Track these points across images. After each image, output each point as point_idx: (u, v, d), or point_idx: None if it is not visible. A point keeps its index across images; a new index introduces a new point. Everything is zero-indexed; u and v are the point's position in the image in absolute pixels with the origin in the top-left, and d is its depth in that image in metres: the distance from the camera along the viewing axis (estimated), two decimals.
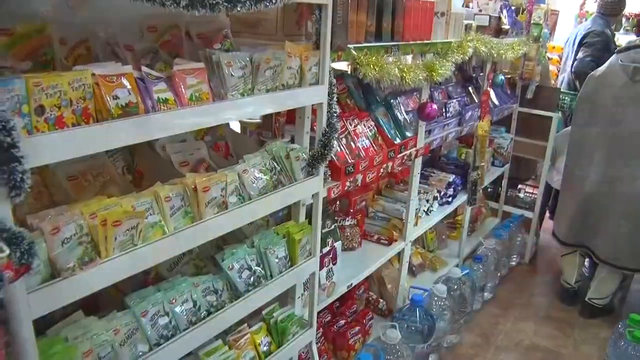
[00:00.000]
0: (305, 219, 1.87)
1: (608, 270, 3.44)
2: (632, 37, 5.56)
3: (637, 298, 3.65)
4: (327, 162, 1.82)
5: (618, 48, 3.40)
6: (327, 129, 1.70)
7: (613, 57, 3.27)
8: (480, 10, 3.20)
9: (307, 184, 1.71)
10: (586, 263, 3.87)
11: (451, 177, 3.18)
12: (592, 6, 7.31)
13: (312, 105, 1.74)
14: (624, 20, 6.85)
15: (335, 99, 1.72)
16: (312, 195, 1.79)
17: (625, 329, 2.79)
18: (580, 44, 4.55)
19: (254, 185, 1.57)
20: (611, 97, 3.20)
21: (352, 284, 2.32)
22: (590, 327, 3.47)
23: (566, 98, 3.87)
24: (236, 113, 1.43)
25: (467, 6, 3.37)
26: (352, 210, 2.63)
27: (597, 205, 3.34)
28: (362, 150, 2.15)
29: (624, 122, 3.15)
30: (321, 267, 2.07)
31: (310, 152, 1.73)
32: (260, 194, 1.57)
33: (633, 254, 3.27)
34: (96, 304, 1.49)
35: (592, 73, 3.39)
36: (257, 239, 1.71)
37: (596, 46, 4.39)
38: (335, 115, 1.73)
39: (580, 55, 4.49)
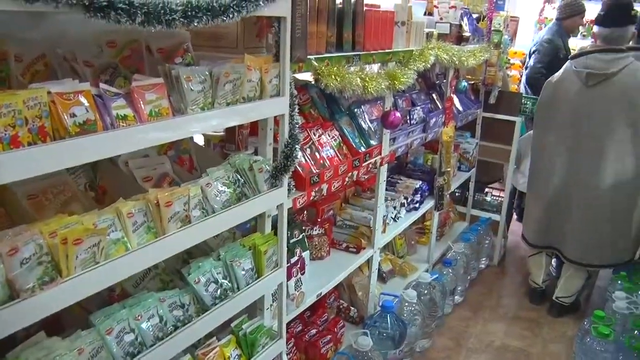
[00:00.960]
0: (272, 230, 1.88)
1: (574, 268, 3.54)
2: (588, 42, 5.69)
3: (601, 295, 3.73)
4: (291, 172, 1.83)
5: (571, 54, 3.49)
6: (290, 140, 1.72)
7: (567, 64, 3.37)
8: (442, 19, 3.26)
9: (271, 196, 1.72)
10: (553, 262, 3.96)
11: (418, 183, 3.22)
12: (551, 12, 7.51)
13: (275, 116, 1.75)
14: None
15: (296, 110, 1.74)
16: (277, 207, 1.81)
17: (590, 326, 2.87)
18: (532, 52, 4.81)
19: (217, 198, 1.58)
20: (567, 102, 3.30)
21: (321, 293, 2.33)
22: (558, 325, 3.55)
23: (528, 102, 3.96)
24: (196, 127, 1.44)
25: (430, 14, 3.43)
26: (319, 220, 2.64)
27: (561, 206, 3.44)
28: (327, 160, 2.17)
29: (581, 125, 3.25)
30: (289, 278, 2.07)
31: (273, 164, 1.74)
32: (223, 207, 1.58)
33: (598, 251, 3.38)
34: (60, 324, 1.48)
35: (549, 79, 3.50)
36: (223, 252, 1.71)
37: (544, 52, 4.61)
38: (297, 126, 1.74)
39: (530, 62, 4.76)
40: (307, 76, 2.29)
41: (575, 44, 5.66)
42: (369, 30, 2.22)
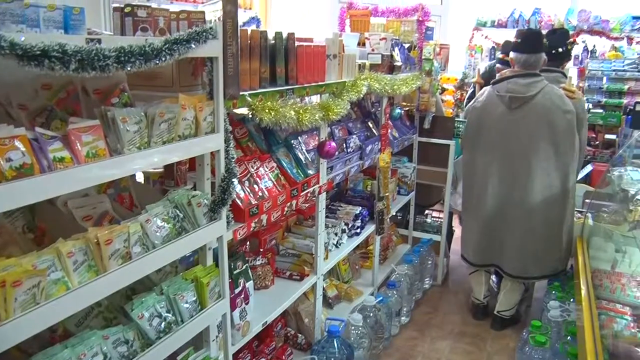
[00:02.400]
0: (213, 262, 1.93)
1: (512, 283, 3.72)
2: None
3: (538, 306, 3.91)
4: (230, 205, 1.90)
5: (493, 80, 3.75)
6: (226, 175, 1.79)
7: (490, 89, 3.63)
8: (373, 50, 3.40)
9: (210, 229, 1.78)
10: (494, 278, 4.13)
11: (358, 209, 3.32)
12: (480, 40, 7.91)
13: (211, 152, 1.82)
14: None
15: (232, 145, 1.82)
16: (217, 239, 1.86)
17: (528, 335, 3.03)
18: None
19: (158, 234, 1.62)
20: (493, 125, 3.54)
21: (267, 321, 2.38)
22: (500, 338, 3.69)
23: (460, 126, 4.14)
24: (132, 167, 1.49)
25: (363, 45, 3.59)
26: (262, 250, 2.70)
27: (497, 225, 3.62)
28: (266, 191, 2.24)
29: (507, 146, 3.48)
30: (234, 308, 2.12)
31: (211, 198, 1.80)
32: (164, 242, 1.63)
33: (536, 264, 3.59)
34: None
35: (473, 104, 3.74)
36: (165, 286, 1.75)
37: (484, 77, 4.94)
38: (233, 160, 1.82)
39: None
40: (245, 110, 2.38)
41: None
42: (302, 65, 2.32)
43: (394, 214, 4.38)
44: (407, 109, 4.21)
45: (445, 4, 8.45)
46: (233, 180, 1.82)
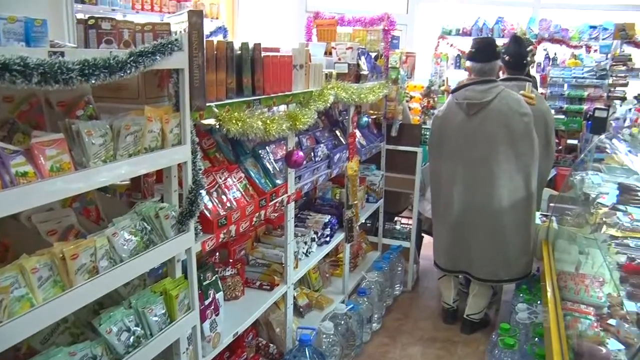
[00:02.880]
0: (182, 274, 1.92)
1: (479, 286, 3.79)
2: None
3: (507, 309, 3.97)
4: (198, 216, 1.89)
5: (452, 89, 3.86)
6: (194, 186, 1.79)
7: (450, 98, 3.75)
8: (340, 59, 3.43)
9: (179, 241, 1.77)
10: (463, 282, 4.20)
11: (327, 218, 3.33)
12: (446, 48, 8.04)
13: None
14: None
15: (199, 157, 1.82)
16: (185, 251, 1.85)
17: (497, 338, 3.08)
18: None
19: (125, 247, 1.61)
20: (454, 132, 3.62)
21: (237, 332, 2.37)
22: (471, 342, 3.74)
23: (427, 133, 4.21)
24: (97, 180, 1.48)
25: (330, 54, 3.61)
26: (232, 260, 2.69)
27: (465, 231, 3.68)
28: (234, 202, 2.24)
29: (469, 151, 3.56)
30: (204, 320, 2.11)
31: (179, 210, 1.80)
32: (131, 255, 1.61)
33: (505, 267, 3.65)
34: None
35: (436, 114, 3.85)
36: (134, 299, 1.74)
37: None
38: (200, 172, 1.82)
39: None
40: (212, 121, 2.37)
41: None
42: (268, 75, 2.33)
43: (363, 221, 4.41)
44: (374, 117, 4.25)
45: (410, 13, 8.58)
46: (200, 191, 1.82)
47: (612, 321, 2.55)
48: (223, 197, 2.21)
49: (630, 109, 3.81)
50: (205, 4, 6.94)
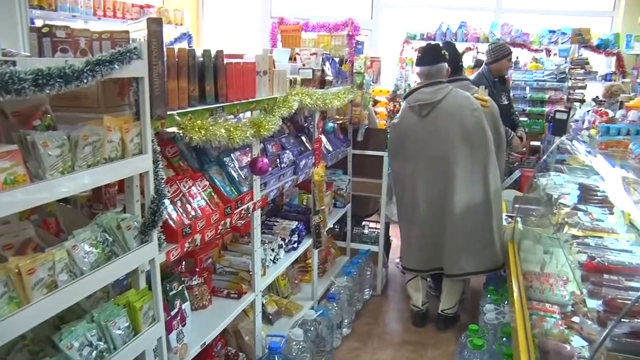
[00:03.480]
0: (146, 284, 1.89)
1: (452, 281, 3.89)
2: None
3: (476, 310, 4.00)
4: (161, 226, 1.87)
5: (405, 94, 4.00)
6: (156, 196, 1.76)
7: (404, 103, 3.87)
8: (304, 65, 3.43)
9: (141, 252, 1.74)
10: (432, 284, 4.24)
11: (294, 224, 3.33)
12: (410, 52, 8.12)
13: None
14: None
15: (161, 166, 1.79)
16: (149, 262, 1.82)
17: (466, 340, 3.11)
18: None
19: (86, 260, 1.58)
20: (411, 135, 3.75)
21: (205, 342, 2.34)
22: (441, 344, 3.78)
23: None
24: (56, 192, 1.44)
25: (295, 60, 3.61)
26: (198, 269, 2.66)
27: (433, 228, 3.77)
28: (199, 210, 2.21)
29: (427, 151, 3.68)
30: (170, 331, 2.08)
31: (142, 220, 1.76)
32: (92, 268, 1.58)
33: (470, 259, 3.74)
34: None
35: (392, 121, 3.96)
36: (96, 313, 1.70)
37: None
38: (162, 181, 1.79)
39: None
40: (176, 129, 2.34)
41: None
42: (231, 82, 2.31)
43: (332, 226, 4.41)
44: (340, 122, 4.25)
45: (375, 18, 8.65)
46: (163, 201, 1.79)
47: (576, 319, 2.60)
48: (187, 205, 2.18)
49: (588, 111, 3.90)
50: (169, 10, 6.87)
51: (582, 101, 7.45)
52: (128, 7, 6.05)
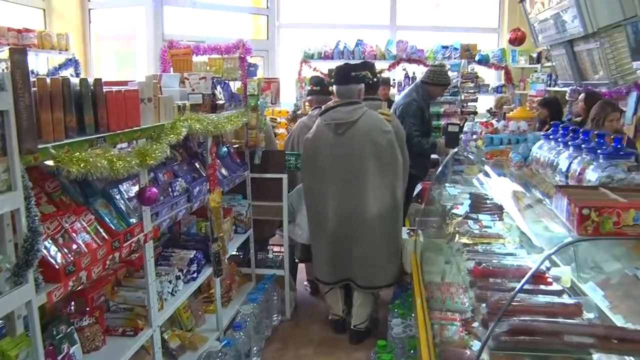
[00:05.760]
0: (25, 330, 1.82)
1: (363, 296, 4.07)
2: None
3: (384, 325, 4.12)
4: (40, 265, 1.81)
5: (319, 112, 4.10)
6: (29, 234, 1.71)
7: (319, 120, 4.00)
8: (194, 90, 3.44)
9: (15, 295, 1.68)
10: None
11: (192, 253, 3.29)
12: (309, 72, 8.31)
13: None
14: None
15: (33, 202, 1.74)
16: (25, 305, 1.76)
17: (375, 355, 3.21)
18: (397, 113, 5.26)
19: None
20: (326, 151, 3.91)
21: None
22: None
23: (291, 158, 4.32)
24: None
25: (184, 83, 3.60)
26: (89, 309, 2.58)
27: (343, 242, 3.96)
28: (84, 246, 2.16)
29: (340, 167, 3.88)
30: None
31: (15, 261, 1.71)
32: None
33: (380, 273, 3.99)
34: None
35: (307, 136, 4.06)
36: None
37: (414, 114, 5.28)
38: (37, 218, 1.74)
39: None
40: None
41: None
42: (112, 111, 2.27)
43: (235, 252, 4.41)
44: (236, 146, 4.28)
45: (271, 39, 8.78)
46: (38, 239, 1.74)
47: (475, 324, 2.75)
48: (70, 242, 2.12)
49: (476, 123, 4.17)
50: (52, 34, 6.65)
51: (474, 113, 7.93)
52: (3, 32, 5.79)
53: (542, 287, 2.29)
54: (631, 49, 5.26)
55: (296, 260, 4.85)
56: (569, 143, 2.34)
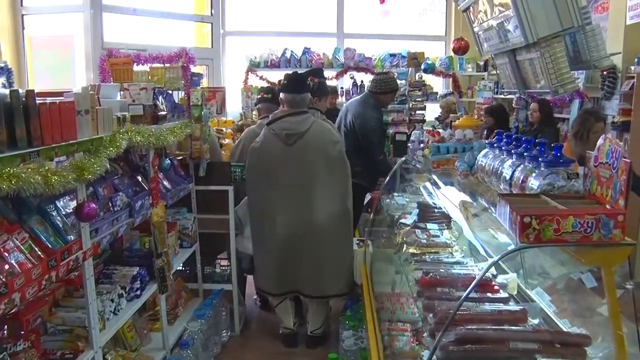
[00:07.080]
0: None
1: (316, 303, 4.13)
2: None
3: (335, 338, 4.14)
4: None
5: (268, 120, 4.07)
6: None
7: (265, 129, 4.01)
8: (134, 101, 3.39)
9: None
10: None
11: (135, 270, 3.23)
12: (256, 81, 8.32)
13: None
14: None
15: None
16: None
17: None
18: (354, 125, 5.29)
19: None
20: (274, 161, 3.93)
21: None
22: None
23: (237, 170, 4.28)
24: None
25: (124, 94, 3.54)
26: (24, 332, 2.50)
27: (290, 253, 3.98)
28: (17, 266, 2.10)
29: (289, 178, 3.90)
30: None
31: None
32: None
33: (330, 282, 4.04)
34: None
35: (252, 145, 4.06)
36: None
37: (376, 128, 5.33)
38: None
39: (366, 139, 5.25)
40: None
41: None
42: (47, 124, 2.21)
43: (181, 267, 4.35)
44: (180, 157, 4.23)
45: (216, 47, 8.73)
46: None
47: (425, 334, 2.80)
48: (2, 262, 2.06)
49: (423, 132, 4.25)
50: None
51: (422, 121, 8.08)
52: None
53: (489, 295, 2.35)
54: (570, 58, 5.50)
55: (244, 274, 4.81)
56: (512, 151, 2.41)
